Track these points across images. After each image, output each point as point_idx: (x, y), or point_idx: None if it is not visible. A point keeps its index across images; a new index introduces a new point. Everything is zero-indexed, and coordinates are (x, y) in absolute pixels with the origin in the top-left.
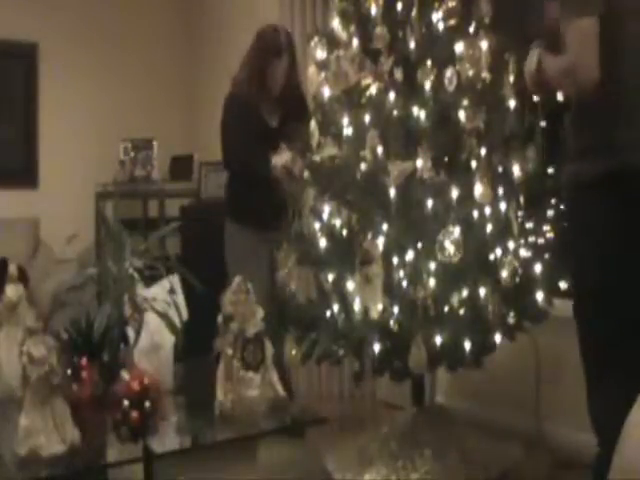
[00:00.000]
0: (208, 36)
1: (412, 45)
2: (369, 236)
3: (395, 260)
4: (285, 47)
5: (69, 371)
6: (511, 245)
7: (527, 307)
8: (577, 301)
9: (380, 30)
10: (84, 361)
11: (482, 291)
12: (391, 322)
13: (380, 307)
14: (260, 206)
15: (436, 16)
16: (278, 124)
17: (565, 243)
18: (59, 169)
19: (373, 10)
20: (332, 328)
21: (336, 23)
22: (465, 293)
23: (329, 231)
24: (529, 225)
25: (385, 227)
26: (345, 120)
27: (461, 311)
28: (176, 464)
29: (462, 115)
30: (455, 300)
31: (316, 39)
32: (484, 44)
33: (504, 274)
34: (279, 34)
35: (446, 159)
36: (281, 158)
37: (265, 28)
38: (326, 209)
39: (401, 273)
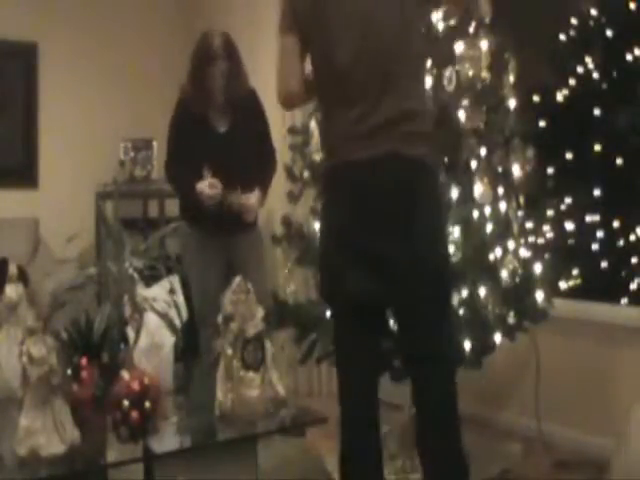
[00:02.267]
0: None
1: None
2: None
3: None
4: (220, 52)
5: (69, 371)
6: (511, 245)
7: (527, 307)
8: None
9: None
10: (84, 361)
11: (482, 291)
12: (391, 322)
13: None
14: (212, 212)
15: (436, 16)
16: (228, 129)
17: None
18: (59, 169)
19: None
20: (332, 328)
21: None
22: (465, 293)
23: None
24: (529, 225)
25: None
26: None
27: (461, 311)
28: (176, 464)
29: (462, 115)
30: (455, 300)
31: None
32: (484, 44)
33: (504, 274)
34: (212, 39)
35: (446, 159)
36: (204, 185)
37: (200, 37)
38: None
39: None
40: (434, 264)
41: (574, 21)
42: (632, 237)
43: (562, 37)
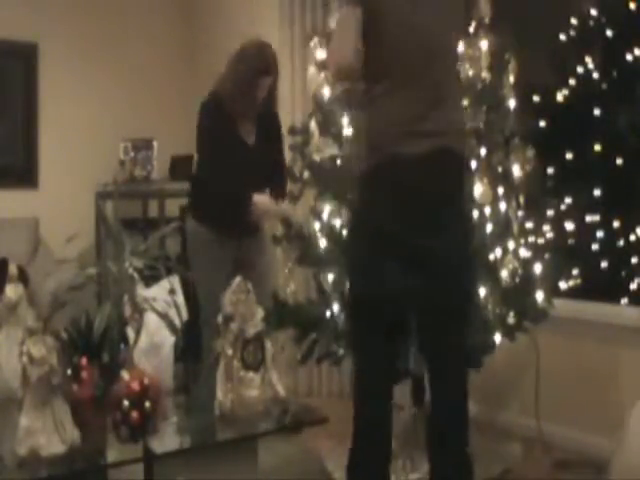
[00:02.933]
0: (208, 36)
1: None
2: None
3: None
4: (274, 67)
5: (69, 371)
6: (511, 245)
7: (527, 307)
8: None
9: None
10: (84, 361)
11: (482, 291)
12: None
13: None
14: (223, 210)
15: None
16: (255, 142)
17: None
18: (59, 169)
19: None
20: (332, 328)
21: None
22: None
23: (329, 231)
24: (529, 225)
25: None
26: (345, 120)
27: None
28: (176, 464)
29: None
30: None
31: (316, 39)
32: (484, 44)
33: (504, 274)
34: (269, 52)
35: None
36: (263, 200)
37: (252, 44)
38: (326, 209)
39: None
40: (468, 263)
41: (574, 21)
42: (632, 237)
43: (562, 37)
